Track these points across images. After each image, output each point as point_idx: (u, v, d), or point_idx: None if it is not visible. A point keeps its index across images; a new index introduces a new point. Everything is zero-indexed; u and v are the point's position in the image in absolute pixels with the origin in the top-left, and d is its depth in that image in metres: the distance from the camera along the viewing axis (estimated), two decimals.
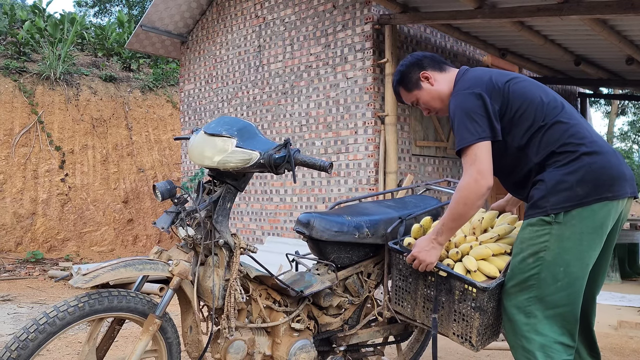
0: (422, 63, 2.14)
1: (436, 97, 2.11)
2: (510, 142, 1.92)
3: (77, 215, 8.50)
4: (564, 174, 1.82)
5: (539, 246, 1.84)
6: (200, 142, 1.95)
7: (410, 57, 2.18)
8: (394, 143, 5.22)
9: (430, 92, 2.11)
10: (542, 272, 1.83)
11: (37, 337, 1.66)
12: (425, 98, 2.13)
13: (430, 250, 2.00)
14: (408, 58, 2.18)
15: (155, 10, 7.04)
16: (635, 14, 4.06)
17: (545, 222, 1.82)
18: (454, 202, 1.89)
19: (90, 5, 18.09)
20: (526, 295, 1.87)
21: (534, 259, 1.85)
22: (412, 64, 2.14)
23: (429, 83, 2.11)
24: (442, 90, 2.09)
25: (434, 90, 2.11)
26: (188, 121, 7.62)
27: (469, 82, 1.98)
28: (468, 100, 1.91)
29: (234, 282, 1.97)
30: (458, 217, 1.90)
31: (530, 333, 1.85)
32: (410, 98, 2.17)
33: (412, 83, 2.13)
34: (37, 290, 5.87)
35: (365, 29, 5.44)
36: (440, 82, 2.10)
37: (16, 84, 8.59)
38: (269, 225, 6.42)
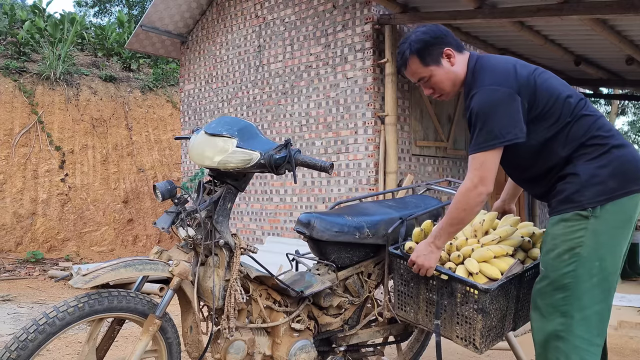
0: (448, 39, 1.94)
1: (451, 78, 1.95)
2: (533, 137, 1.83)
3: (77, 215, 8.50)
4: (597, 167, 1.77)
5: (575, 242, 1.77)
6: (200, 142, 1.95)
7: (434, 27, 1.96)
8: (394, 143, 5.22)
9: (448, 73, 1.94)
10: (578, 269, 1.76)
11: (36, 337, 1.66)
12: (440, 77, 1.94)
13: (428, 255, 1.97)
14: (431, 28, 1.95)
15: (155, 10, 7.03)
16: (635, 14, 4.05)
17: (582, 217, 1.77)
18: (453, 207, 1.87)
19: (90, 5, 18.08)
20: (562, 294, 1.79)
21: (569, 255, 1.78)
22: (438, 37, 1.92)
23: (450, 62, 1.93)
24: (458, 73, 1.94)
25: (451, 72, 1.94)
26: (188, 121, 7.62)
27: (495, 75, 1.84)
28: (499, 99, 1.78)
29: (234, 282, 1.97)
30: (456, 222, 1.88)
31: (566, 333, 1.78)
32: (422, 73, 1.95)
33: (432, 56, 1.92)
34: (37, 290, 5.86)
35: (365, 29, 5.43)
36: (458, 64, 1.94)
37: (16, 84, 8.59)
38: (269, 225, 6.42)
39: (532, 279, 2.16)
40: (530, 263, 2.12)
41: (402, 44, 1.98)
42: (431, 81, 1.96)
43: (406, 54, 1.95)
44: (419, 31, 1.94)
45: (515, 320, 2.17)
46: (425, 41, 1.91)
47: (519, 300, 2.13)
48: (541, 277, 1.88)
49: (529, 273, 2.11)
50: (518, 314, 2.16)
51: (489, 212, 2.28)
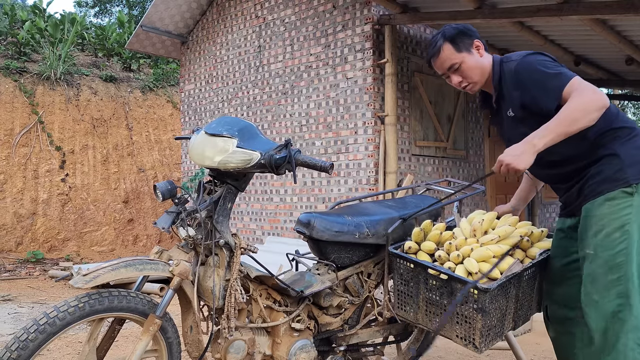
0: (477, 34, 2.09)
1: (480, 67, 2.05)
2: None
3: (77, 215, 8.51)
4: (633, 147, 1.85)
5: (624, 219, 1.78)
6: (201, 142, 1.95)
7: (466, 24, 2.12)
8: (393, 143, 5.22)
9: (477, 62, 2.05)
10: (629, 246, 1.76)
11: (37, 337, 1.66)
12: (471, 64, 2.04)
13: (521, 155, 1.78)
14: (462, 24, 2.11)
15: (155, 11, 7.04)
16: (635, 14, 4.06)
17: (627, 194, 1.80)
18: (570, 106, 1.76)
19: (90, 6, 18.09)
20: (616, 274, 1.76)
21: (620, 233, 1.78)
22: (469, 29, 2.07)
23: (479, 53, 2.07)
24: (485, 65, 2.06)
25: (481, 62, 2.06)
26: (188, 121, 7.63)
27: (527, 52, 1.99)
28: (541, 58, 1.91)
29: (234, 282, 1.98)
30: (571, 121, 1.75)
31: (623, 314, 1.75)
32: (454, 59, 2.04)
33: (464, 44, 2.04)
34: (38, 290, 5.87)
35: (365, 29, 5.44)
36: (485, 58, 2.07)
37: (16, 84, 8.60)
38: (269, 225, 6.42)
39: (531, 278, 2.16)
40: (529, 262, 2.13)
41: (434, 36, 2.09)
42: (462, 68, 2.04)
43: (439, 42, 2.05)
44: (450, 25, 2.09)
45: (514, 320, 2.17)
46: (459, 30, 2.04)
47: (518, 300, 2.13)
48: (590, 261, 1.85)
49: (528, 272, 2.12)
50: (517, 313, 2.17)
51: (488, 212, 2.28)
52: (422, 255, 2.20)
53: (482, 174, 6.78)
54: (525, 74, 1.93)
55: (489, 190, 6.86)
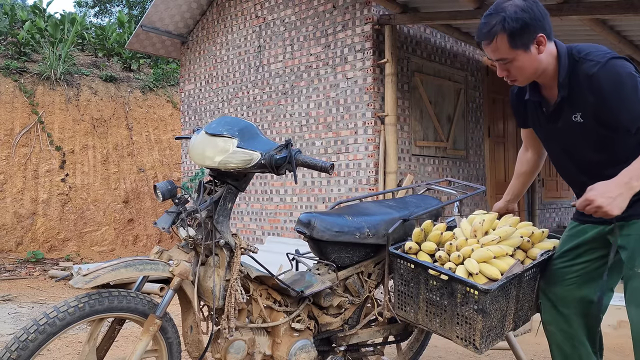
0: (544, 23, 1.78)
1: (535, 67, 1.82)
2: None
3: (77, 215, 8.51)
4: None
5: None
6: (201, 142, 1.95)
7: (535, 6, 1.76)
8: (394, 143, 5.22)
9: (533, 60, 1.80)
10: None
11: (37, 337, 1.66)
12: (525, 64, 1.80)
13: (617, 199, 1.63)
14: (532, 5, 1.75)
15: (155, 11, 7.04)
16: (635, 14, 4.06)
17: None
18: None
19: (90, 6, 18.08)
20: None
21: None
22: (537, 19, 1.75)
23: (539, 50, 1.80)
24: (542, 62, 1.82)
25: (537, 60, 1.81)
26: (188, 121, 7.63)
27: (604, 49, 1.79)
28: (629, 69, 1.70)
29: (234, 282, 1.97)
30: None
31: None
32: (505, 54, 1.79)
33: (522, 40, 1.76)
34: (38, 290, 5.87)
35: (365, 29, 5.44)
36: (545, 52, 1.81)
37: (16, 84, 8.60)
38: (269, 225, 6.42)
39: (532, 279, 2.16)
40: (530, 263, 2.12)
41: (492, 15, 1.77)
42: (512, 64, 1.82)
43: (496, 28, 1.75)
44: (519, 7, 1.74)
45: (515, 321, 2.17)
46: (524, 22, 1.73)
47: (518, 301, 2.13)
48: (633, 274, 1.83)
49: (529, 273, 2.11)
50: (518, 314, 2.17)
51: (488, 212, 2.28)
52: (423, 255, 2.20)
53: (482, 174, 6.78)
54: (611, 85, 1.71)
55: (489, 190, 6.86)
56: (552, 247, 2.20)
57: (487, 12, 1.80)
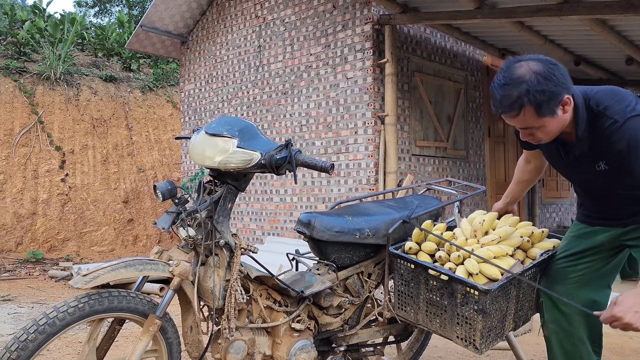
0: (568, 83, 1.68)
1: (561, 126, 1.73)
2: None
3: (77, 215, 8.50)
4: None
5: None
6: (201, 142, 1.95)
7: (555, 69, 1.65)
8: (394, 143, 5.22)
9: (560, 122, 1.71)
10: None
11: (36, 337, 1.66)
12: (552, 127, 1.71)
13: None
14: (554, 71, 1.64)
15: (155, 11, 7.03)
16: (635, 14, 4.05)
17: None
18: None
19: (90, 6, 18.08)
20: None
21: None
22: (561, 83, 1.65)
23: (564, 110, 1.69)
24: (567, 118, 1.73)
25: (564, 120, 1.71)
26: (188, 121, 7.62)
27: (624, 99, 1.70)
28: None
29: (234, 282, 1.97)
30: None
31: None
32: (532, 123, 1.70)
33: (550, 108, 1.66)
34: (37, 290, 5.87)
35: (365, 29, 5.43)
36: (569, 108, 1.72)
37: (16, 84, 8.59)
38: (269, 225, 6.42)
39: (532, 279, 2.16)
40: (530, 263, 2.12)
41: (511, 86, 1.66)
42: (538, 130, 1.72)
43: (521, 101, 1.64)
44: (540, 74, 1.63)
45: (515, 321, 2.17)
46: (550, 92, 1.63)
47: (518, 301, 2.13)
48: None
49: (529, 273, 2.11)
50: (518, 314, 2.16)
51: (488, 213, 2.28)
52: (423, 255, 2.20)
53: (482, 174, 6.78)
54: (629, 147, 1.67)
55: (489, 190, 6.86)
56: (552, 247, 2.20)
57: (503, 82, 1.68)
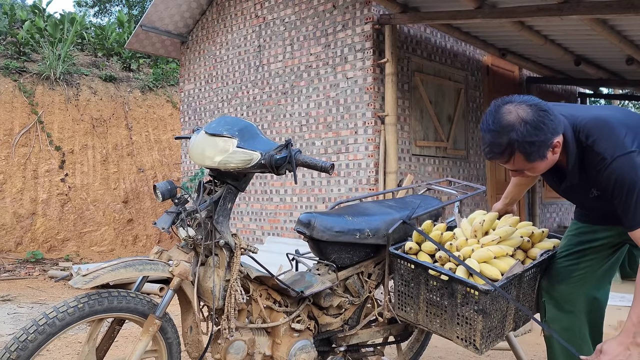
0: (557, 127, 1.67)
1: (551, 164, 1.75)
2: None
3: (77, 215, 8.50)
4: None
5: None
6: (201, 142, 1.94)
7: (543, 114, 1.64)
8: (394, 143, 5.22)
9: (550, 162, 1.73)
10: None
11: (36, 338, 1.65)
12: (541, 167, 1.73)
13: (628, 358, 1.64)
14: (541, 117, 1.64)
15: (155, 10, 7.03)
16: (635, 14, 4.05)
17: None
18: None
19: (90, 5, 18.08)
20: None
21: None
22: (550, 130, 1.65)
23: (554, 152, 1.71)
24: (557, 156, 1.75)
25: (553, 159, 1.73)
26: (188, 121, 7.62)
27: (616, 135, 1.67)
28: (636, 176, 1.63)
29: (234, 282, 1.97)
30: None
31: None
32: (522, 167, 1.72)
33: (540, 154, 1.68)
34: (37, 290, 5.86)
35: (365, 29, 5.43)
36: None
37: (16, 84, 8.59)
38: (269, 225, 6.42)
39: (532, 279, 2.16)
40: (530, 263, 2.12)
41: (499, 133, 1.66)
42: (528, 171, 1.75)
43: (512, 150, 1.66)
44: (529, 124, 1.63)
45: (515, 321, 2.17)
46: (540, 142, 1.64)
47: (519, 301, 2.13)
48: None
49: (529, 273, 2.11)
50: (518, 314, 2.16)
51: (489, 213, 2.28)
52: (423, 255, 2.20)
53: (482, 174, 6.78)
54: (615, 187, 1.68)
55: (489, 190, 6.85)
56: (552, 247, 2.20)
57: (492, 127, 1.68)
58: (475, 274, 1.98)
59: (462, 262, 2.02)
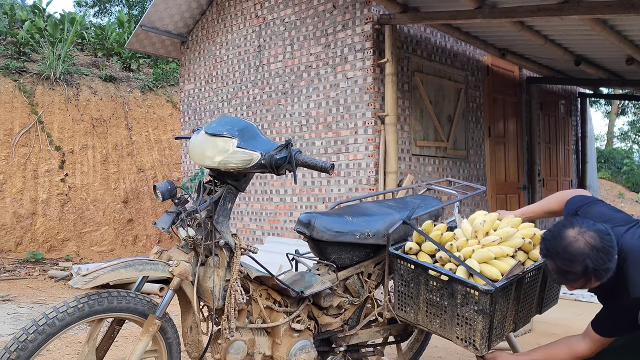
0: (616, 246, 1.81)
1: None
2: None
3: (77, 215, 8.50)
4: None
5: None
6: (201, 142, 1.94)
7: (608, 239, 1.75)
8: (394, 143, 5.22)
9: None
10: None
11: (36, 338, 1.65)
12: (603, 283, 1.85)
13: None
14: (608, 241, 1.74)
15: (155, 10, 7.03)
16: (635, 14, 4.05)
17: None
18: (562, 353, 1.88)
19: (90, 5, 18.08)
20: None
21: None
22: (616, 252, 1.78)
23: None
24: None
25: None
26: (188, 121, 7.62)
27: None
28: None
29: (234, 282, 1.97)
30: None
31: None
32: (592, 285, 1.83)
33: (610, 273, 1.79)
34: (37, 291, 5.86)
35: (365, 29, 5.43)
36: None
37: (16, 84, 8.59)
38: (269, 225, 6.41)
39: (533, 280, 2.15)
40: (531, 264, 2.12)
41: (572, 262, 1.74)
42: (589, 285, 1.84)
43: (588, 277, 1.76)
44: (600, 251, 1.72)
45: (515, 322, 2.17)
46: (611, 265, 1.76)
47: (519, 302, 2.12)
48: None
49: (530, 274, 2.11)
50: (518, 315, 2.16)
51: (489, 213, 2.28)
52: (423, 256, 2.20)
53: (482, 174, 6.78)
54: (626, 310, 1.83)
55: (489, 190, 6.85)
56: None
57: (562, 255, 1.74)
58: (476, 274, 1.98)
59: (462, 262, 2.02)
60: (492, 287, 1.92)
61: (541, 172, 8.14)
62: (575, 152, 9.42)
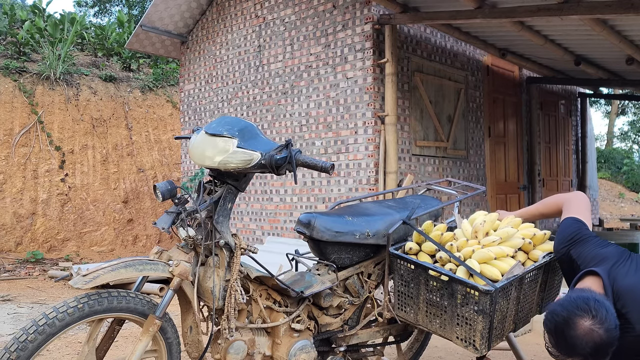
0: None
1: None
2: None
3: (77, 215, 8.50)
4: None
5: None
6: (201, 142, 1.94)
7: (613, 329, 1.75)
8: (394, 143, 5.22)
9: None
10: None
11: (36, 338, 1.65)
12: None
13: None
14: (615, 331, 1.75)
15: (155, 10, 7.03)
16: (635, 14, 4.05)
17: None
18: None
19: (90, 5, 18.08)
20: None
21: None
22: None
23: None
24: None
25: None
26: (188, 121, 7.62)
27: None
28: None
29: (234, 282, 1.97)
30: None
31: None
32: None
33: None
34: (37, 291, 5.86)
35: (365, 29, 5.43)
36: None
37: (16, 84, 8.59)
38: (269, 225, 6.41)
39: (533, 280, 2.15)
40: (531, 265, 2.12)
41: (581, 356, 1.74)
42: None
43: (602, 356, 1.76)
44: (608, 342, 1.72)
45: (515, 322, 2.16)
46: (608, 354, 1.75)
47: (519, 302, 2.12)
48: None
49: (530, 275, 2.11)
50: (518, 315, 2.16)
51: (489, 213, 2.28)
52: (423, 256, 2.20)
53: (482, 174, 6.78)
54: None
55: (489, 190, 6.85)
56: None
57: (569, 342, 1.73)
58: (476, 275, 1.98)
59: (462, 262, 2.02)
60: (492, 287, 1.92)
61: (541, 172, 8.14)
62: (575, 152, 9.43)
